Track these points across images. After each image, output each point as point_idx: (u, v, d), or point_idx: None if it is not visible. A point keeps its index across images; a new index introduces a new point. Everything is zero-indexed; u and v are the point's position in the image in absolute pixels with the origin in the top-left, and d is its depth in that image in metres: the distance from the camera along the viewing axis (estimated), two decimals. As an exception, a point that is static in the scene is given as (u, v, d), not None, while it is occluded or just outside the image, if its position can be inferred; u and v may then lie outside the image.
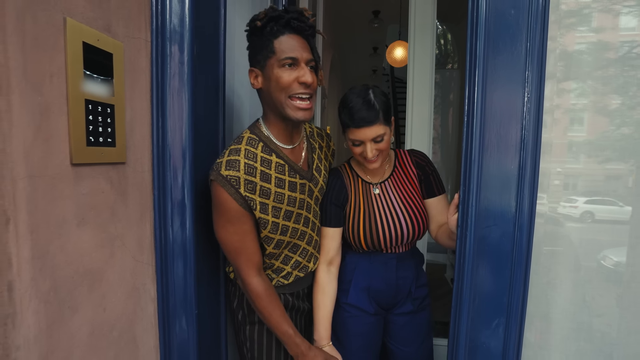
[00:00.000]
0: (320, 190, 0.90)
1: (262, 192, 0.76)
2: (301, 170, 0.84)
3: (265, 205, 0.77)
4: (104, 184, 0.59)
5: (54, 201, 0.50)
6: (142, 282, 0.71)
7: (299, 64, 0.74)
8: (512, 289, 0.73)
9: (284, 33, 0.74)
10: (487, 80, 0.69)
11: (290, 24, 0.74)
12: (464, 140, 0.72)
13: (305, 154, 0.87)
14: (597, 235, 0.75)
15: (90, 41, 0.54)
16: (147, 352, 0.73)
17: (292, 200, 0.81)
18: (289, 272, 0.88)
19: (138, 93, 0.68)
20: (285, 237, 0.83)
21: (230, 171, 0.73)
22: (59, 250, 0.51)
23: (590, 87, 0.72)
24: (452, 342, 0.76)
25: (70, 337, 0.53)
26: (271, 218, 0.78)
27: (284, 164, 0.81)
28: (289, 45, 0.73)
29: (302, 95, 0.75)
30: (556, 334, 0.76)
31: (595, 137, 0.73)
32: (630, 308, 0.73)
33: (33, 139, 0.46)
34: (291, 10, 0.75)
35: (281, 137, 0.81)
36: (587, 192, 0.75)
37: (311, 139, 0.91)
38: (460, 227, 0.73)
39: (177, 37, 0.74)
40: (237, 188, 0.73)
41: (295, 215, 0.83)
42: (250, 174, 0.75)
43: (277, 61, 0.74)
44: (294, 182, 0.81)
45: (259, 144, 0.78)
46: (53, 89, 0.49)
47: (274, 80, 0.75)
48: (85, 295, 0.56)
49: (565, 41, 0.71)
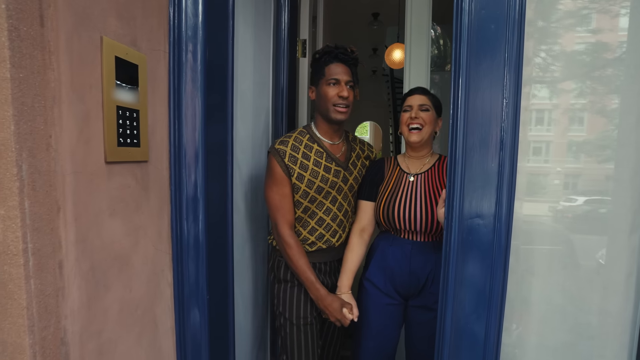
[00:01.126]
0: (354, 179, 1.12)
1: (301, 165, 1.03)
2: (338, 160, 1.09)
3: (301, 175, 1.03)
4: (130, 179, 0.68)
5: (91, 194, 0.58)
6: (160, 269, 0.79)
7: (340, 83, 1.04)
8: (493, 275, 0.81)
9: (333, 62, 1.05)
10: (470, 86, 0.77)
11: (337, 56, 1.04)
12: (449, 139, 0.80)
13: (345, 150, 1.13)
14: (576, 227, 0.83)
15: (120, 55, 0.63)
16: (165, 332, 0.82)
17: (324, 179, 1.06)
18: (313, 242, 1.09)
19: (158, 99, 0.76)
20: (312, 206, 1.07)
21: (280, 146, 1.03)
22: (95, 236, 0.59)
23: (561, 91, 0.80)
24: (439, 324, 0.84)
25: (105, 312, 0.61)
26: (303, 186, 1.04)
27: (323, 151, 1.07)
28: (334, 70, 1.04)
29: (341, 104, 1.04)
30: (534, 315, 0.84)
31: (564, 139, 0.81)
32: (599, 290, 0.81)
33: (77, 140, 0.54)
34: (340, 46, 1.06)
35: (325, 134, 1.09)
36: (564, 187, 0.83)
37: (352, 143, 1.17)
38: (447, 219, 0.81)
39: (191, 47, 0.82)
40: (282, 157, 1.02)
41: (325, 192, 1.07)
42: (294, 151, 1.04)
43: (325, 81, 1.05)
44: (329, 167, 1.07)
45: (306, 135, 1.08)
46: (92, 97, 0.57)
47: (323, 94, 1.05)
48: (116, 276, 0.64)
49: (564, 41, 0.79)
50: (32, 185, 0.47)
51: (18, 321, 0.46)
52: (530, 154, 0.83)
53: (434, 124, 1.06)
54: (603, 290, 0.80)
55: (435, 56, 3.63)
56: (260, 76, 1.36)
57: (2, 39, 0.43)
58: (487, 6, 0.75)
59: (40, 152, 0.48)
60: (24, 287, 0.46)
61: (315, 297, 1.04)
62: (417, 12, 1.85)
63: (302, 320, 1.07)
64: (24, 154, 0.46)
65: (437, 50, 3.87)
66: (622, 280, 0.78)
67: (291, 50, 1.54)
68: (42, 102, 0.48)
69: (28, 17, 0.45)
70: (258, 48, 1.31)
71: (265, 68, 1.41)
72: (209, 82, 0.86)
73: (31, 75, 0.46)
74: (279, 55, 1.46)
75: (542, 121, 0.84)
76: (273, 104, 1.44)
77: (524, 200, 0.83)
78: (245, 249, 1.26)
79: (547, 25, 0.80)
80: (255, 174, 1.32)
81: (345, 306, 1.03)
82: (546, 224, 0.84)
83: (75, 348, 0.55)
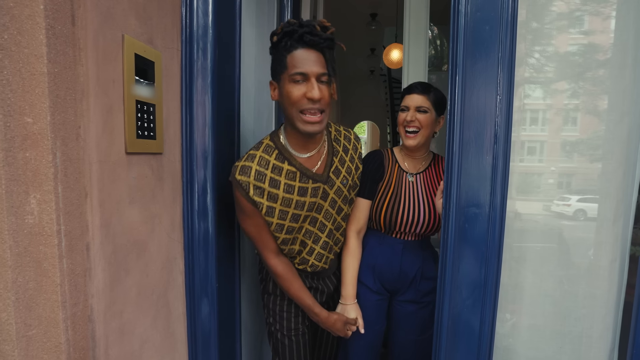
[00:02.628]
0: (336, 192, 0.93)
1: (270, 196, 0.84)
2: (315, 175, 0.88)
3: (272, 208, 0.84)
4: (147, 170, 0.72)
5: (114, 182, 0.62)
6: (173, 256, 0.83)
7: (309, 79, 0.77)
8: (488, 262, 0.86)
9: (297, 48, 0.76)
10: (466, 85, 0.82)
11: (303, 38, 0.76)
12: (447, 135, 0.85)
13: (325, 158, 0.91)
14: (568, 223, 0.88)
15: (139, 52, 0.66)
16: (177, 317, 0.86)
17: (299, 205, 0.87)
18: (297, 265, 0.97)
19: (171, 94, 0.80)
20: (290, 236, 0.91)
21: (242, 176, 0.82)
22: (117, 222, 0.63)
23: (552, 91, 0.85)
24: (438, 307, 0.89)
25: (125, 294, 0.65)
26: (276, 220, 0.86)
27: (296, 171, 0.86)
28: (300, 60, 0.76)
29: (311, 109, 0.78)
30: (525, 300, 0.89)
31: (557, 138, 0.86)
32: (586, 276, 0.86)
33: (102, 131, 0.58)
34: (305, 24, 0.77)
35: (296, 147, 0.87)
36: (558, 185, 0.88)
37: (335, 142, 0.94)
38: (444, 209, 0.85)
39: (202, 45, 0.86)
40: (247, 192, 0.82)
41: (303, 217, 0.90)
42: (259, 180, 0.82)
43: (288, 76, 0.78)
44: (304, 187, 0.87)
45: (274, 152, 0.85)
46: (115, 92, 0.61)
47: (285, 95, 0.79)
48: (135, 261, 0.68)
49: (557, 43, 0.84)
50: (64, 171, 0.51)
51: (52, 297, 0.50)
52: (524, 154, 0.88)
53: (433, 125, 1.02)
54: (589, 275, 0.86)
55: (433, 56, 3.70)
56: (262, 74, 1.40)
57: (40, 37, 0.47)
58: (482, 8, 0.80)
59: (71, 142, 0.52)
60: (57, 265, 0.50)
61: (316, 321, 0.98)
62: (415, 12, 1.91)
63: (293, 332, 1.01)
64: (57, 142, 0.50)
65: (434, 50, 3.94)
66: (606, 265, 0.84)
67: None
68: (73, 95, 0.52)
69: (62, 16, 0.49)
70: (261, 46, 1.35)
71: (268, 66, 1.45)
72: (217, 79, 0.90)
73: (64, 70, 0.50)
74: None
75: (536, 121, 0.89)
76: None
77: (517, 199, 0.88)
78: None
79: (540, 27, 0.85)
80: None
81: (349, 321, 0.99)
82: (539, 220, 0.89)
83: (100, 325, 0.59)
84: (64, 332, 0.51)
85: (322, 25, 0.78)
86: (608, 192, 0.82)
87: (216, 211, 0.89)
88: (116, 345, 0.63)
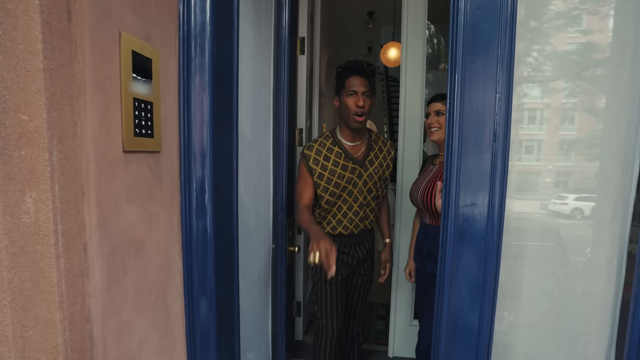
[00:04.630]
0: (369, 175, 1.37)
1: (322, 166, 1.33)
2: (355, 159, 1.36)
3: (322, 174, 1.33)
4: (145, 168, 0.71)
5: (111, 181, 0.61)
6: (171, 256, 0.83)
7: (358, 94, 1.28)
8: (487, 260, 0.86)
9: (352, 75, 1.28)
10: (466, 82, 0.81)
11: (356, 70, 1.28)
12: (446, 133, 0.85)
13: (364, 150, 1.38)
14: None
15: (137, 49, 0.66)
16: (176, 317, 0.85)
17: (341, 176, 1.33)
18: (334, 227, 1.39)
19: (169, 92, 0.79)
20: (332, 199, 1.35)
21: (307, 151, 1.35)
22: (115, 221, 0.62)
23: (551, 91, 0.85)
24: (437, 305, 0.89)
25: (123, 294, 0.65)
26: (323, 183, 1.33)
27: (342, 152, 1.35)
28: (353, 83, 1.28)
29: (358, 112, 1.28)
30: (524, 297, 0.90)
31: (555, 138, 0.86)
32: (584, 274, 0.87)
33: (99, 129, 0.57)
34: (358, 62, 1.31)
35: (346, 137, 1.37)
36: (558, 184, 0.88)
37: (373, 143, 1.41)
38: (444, 207, 0.85)
39: (200, 43, 0.85)
40: (308, 161, 1.34)
41: (342, 187, 1.34)
42: (317, 154, 1.34)
43: (346, 92, 1.30)
44: (346, 165, 1.34)
45: (330, 139, 1.37)
46: (112, 89, 0.60)
47: (344, 103, 1.31)
48: (132, 260, 0.68)
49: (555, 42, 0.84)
50: (61, 170, 0.50)
51: (49, 297, 0.50)
52: (522, 153, 0.88)
53: None
54: (587, 273, 0.86)
55: (430, 55, 3.70)
56: (260, 72, 1.39)
57: (35, 33, 0.46)
58: (481, 6, 0.80)
59: (68, 140, 0.51)
60: (54, 265, 0.49)
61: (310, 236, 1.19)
62: (413, 11, 1.90)
63: (332, 281, 1.39)
64: (54, 140, 0.49)
65: (430, 49, 3.94)
66: (604, 263, 0.84)
67: (291, 48, 1.57)
68: (69, 93, 0.51)
69: (57, 11, 0.48)
70: (258, 45, 1.34)
71: (266, 64, 1.44)
72: (215, 77, 0.89)
73: (60, 67, 0.49)
74: (279, 53, 1.49)
75: (534, 120, 0.89)
76: (274, 98, 1.47)
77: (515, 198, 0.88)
78: (249, 241, 1.29)
79: (539, 26, 0.85)
80: (256, 166, 1.36)
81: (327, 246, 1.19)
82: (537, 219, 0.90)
83: (98, 326, 0.58)
84: (61, 332, 0.51)
85: (367, 63, 1.31)
86: (606, 191, 0.82)
87: (214, 210, 0.88)
88: (114, 346, 0.62)
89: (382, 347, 2.00)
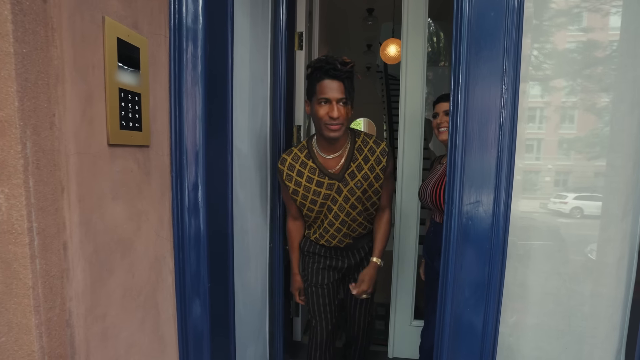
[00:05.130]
0: (349, 191, 1.16)
1: (295, 182, 1.16)
2: (332, 174, 1.15)
3: (296, 190, 1.17)
4: (132, 164, 0.67)
5: (95, 176, 0.57)
6: (162, 255, 0.79)
7: (331, 103, 1.03)
8: (492, 260, 0.82)
9: (324, 79, 1.02)
10: (470, 75, 0.78)
11: (328, 72, 1.01)
12: (449, 129, 0.81)
13: (343, 162, 1.15)
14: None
15: (122, 37, 0.62)
16: (167, 319, 0.81)
17: (316, 193, 1.16)
18: (317, 238, 1.26)
19: (159, 84, 0.75)
20: (311, 213, 1.21)
21: (280, 165, 1.18)
22: (99, 219, 0.58)
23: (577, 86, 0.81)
24: (440, 306, 0.86)
25: (108, 296, 0.61)
26: (299, 199, 1.18)
27: (316, 168, 1.15)
28: (325, 88, 1.03)
29: (332, 123, 1.05)
30: (529, 299, 0.86)
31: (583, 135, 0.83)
32: (592, 274, 0.83)
33: (80, 121, 0.54)
34: (331, 60, 1.01)
35: (322, 149, 1.15)
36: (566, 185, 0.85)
37: (357, 151, 1.15)
38: (447, 204, 0.82)
39: (192, 34, 0.81)
40: (281, 175, 1.18)
41: (319, 204, 1.18)
42: (290, 170, 1.16)
43: (317, 99, 1.05)
44: (321, 181, 1.15)
45: (305, 151, 1.17)
46: (95, 78, 0.56)
47: (315, 112, 1.07)
48: (119, 261, 0.64)
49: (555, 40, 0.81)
50: (36, 163, 0.46)
51: (24, 301, 0.46)
52: (523, 152, 0.85)
53: None
54: (595, 273, 0.83)
55: (429, 52, 3.66)
56: (257, 66, 1.35)
57: (5, 13, 0.42)
58: (486, -6, 0.76)
59: (44, 131, 0.47)
60: (29, 266, 0.46)
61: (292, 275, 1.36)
62: (414, 6, 1.86)
63: (320, 284, 1.30)
64: (28, 131, 0.45)
65: (430, 47, 3.91)
66: (613, 263, 0.81)
67: (289, 43, 1.53)
68: (46, 80, 0.48)
69: (31, -9, 0.45)
70: (255, 38, 1.30)
71: (263, 58, 1.40)
72: (209, 69, 0.85)
73: (34, 52, 0.46)
74: (276, 47, 1.45)
75: (534, 119, 0.86)
76: (271, 94, 1.43)
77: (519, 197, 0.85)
78: (244, 240, 1.26)
79: (540, 24, 0.81)
80: (253, 163, 1.32)
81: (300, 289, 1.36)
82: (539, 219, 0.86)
83: (80, 330, 0.54)
84: (37, 339, 0.47)
85: (343, 62, 1.02)
86: (616, 187, 0.79)
87: (208, 207, 0.85)
88: (98, 351, 0.59)
89: (382, 348, 1.96)
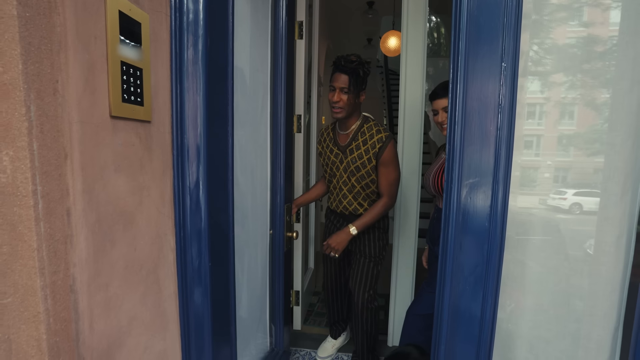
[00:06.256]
0: (347, 163, 1.49)
1: (322, 146, 1.61)
2: (340, 146, 1.53)
3: (321, 153, 1.62)
4: (134, 138, 0.68)
5: (97, 146, 0.58)
6: (164, 232, 0.80)
7: (335, 90, 1.41)
8: (490, 240, 0.83)
9: (335, 71, 1.41)
10: (469, 69, 0.77)
11: (338, 67, 1.40)
12: (448, 123, 0.81)
13: (349, 139, 1.50)
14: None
15: (124, 10, 0.62)
16: (168, 296, 0.82)
17: (329, 159, 1.57)
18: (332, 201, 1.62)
19: (160, 61, 0.76)
20: (328, 177, 1.60)
21: (322, 130, 1.64)
22: (101, 189, 0.59)
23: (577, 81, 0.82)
24: (438, 296, 0.86)
25: (111, 267, 0.62)
26: (322, 161, 1.62)
27: (332, 138, 1.56)
28: (334, 78, 1.42)
29: (335, 107, 1.42)
30: (527, 277, 0.87)
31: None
32: (590, 252, 0.84)
33: (83, 90, 0.54)
34: (341, 57, 1.39)
35: (339, 126, 1.54)
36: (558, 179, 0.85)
37: (360, 134, 1.48)
38: (445, 197, 0.82)
39: (193, 12, 0.81)
40: (318, 140, 1.65)
41: (330, 167, 1.57)
42: (321, 136, 1.64)
43: (329, 87, 1.44)
44: (333, 150, 1.55)
45: (331, 125, 1.60)
46: (97, 49, 0.57)
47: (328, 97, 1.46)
48: (121, 233, 0.65)
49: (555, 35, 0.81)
50: (40, 127, 0.47)
51: (29, 263, 0.47)
52: (522, 147, 0.85)
53: None
54: (594, 251, 0.83)
55: (430, 45, 3.65)
56: (257, 52, 1.35)
57: (9, -25, 0.42)
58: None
59: (48, 96, 0.48)
60: (34, 229, 0.46)
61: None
62: (414, 0, 1.86)
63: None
64: (32, 94, 0.46)
65: (430, 43, 3.89)
66: (612, 241, 0.81)
67: (289, 31, 1.53)
68: (49, 46, 0.48)
69: (34, -45, 0.45)
70: (255, 22, 1.30)
71: (263, 44, 1.40)
72: (210, 51, 0.86)
73: (37, 17, 0.46)
74: (277, 33, 1.45)
75: (534, 114, 0.86)
76: (271, 81, 1.44)
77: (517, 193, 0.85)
78: (244, 225, 1.26)
79: (539, 19, 0.81)
80: (253, 149, 1.32)
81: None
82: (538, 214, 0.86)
83: (84, 297, 0.55)
84: (42, 301, 0.48)
85: (349, 59, 1.38)
86: (615, 165, 0.79)
87: (208, 187, 0.85)
88: (102, 320, 0.59)
89: (382, 337, 1.98)
